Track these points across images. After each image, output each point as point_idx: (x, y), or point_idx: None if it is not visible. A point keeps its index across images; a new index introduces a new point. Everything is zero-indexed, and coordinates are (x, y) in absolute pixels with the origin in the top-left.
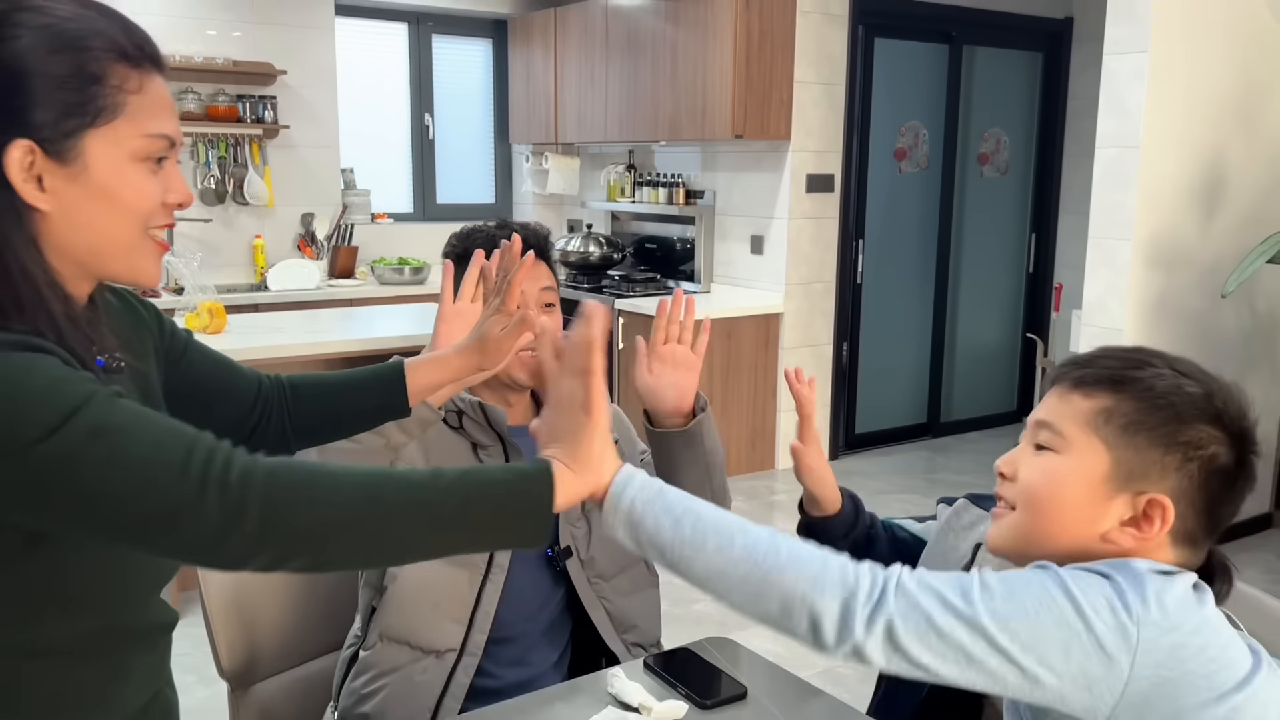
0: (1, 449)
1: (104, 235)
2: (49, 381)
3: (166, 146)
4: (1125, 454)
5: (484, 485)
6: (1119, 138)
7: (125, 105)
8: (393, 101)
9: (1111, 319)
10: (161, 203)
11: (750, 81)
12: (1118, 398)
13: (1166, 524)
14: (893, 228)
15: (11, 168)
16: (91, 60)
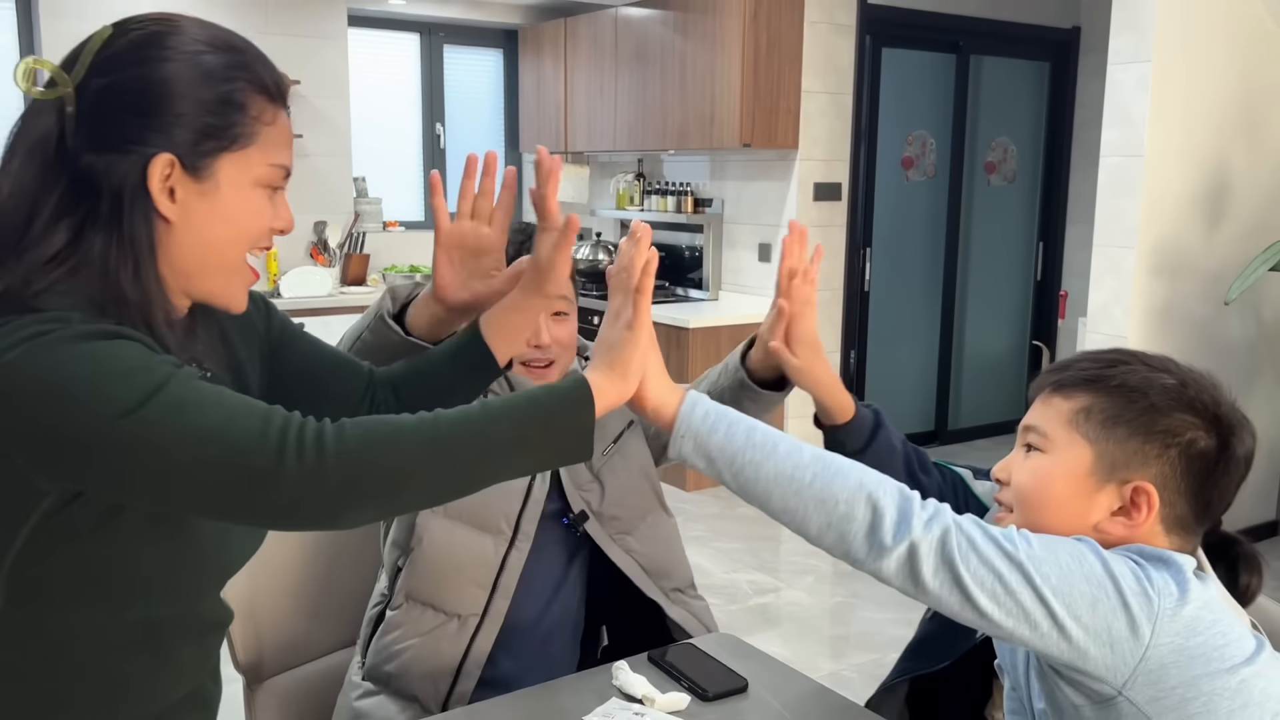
0: (91, 424)
1: (215, 251)
2: (135, 362)
3: (283, 176)
4: (1107, 447)
5: (530, 408)
6: (1123, 146)
7: (259, 135)
8: (404, 111)
9: (1116, 326)
10: (270, 228)
11: (758, 91)
12: (1095, 395)
13: (1153, 510)
14: (900, 236)
15: (152, 177)
16: (237, 91)
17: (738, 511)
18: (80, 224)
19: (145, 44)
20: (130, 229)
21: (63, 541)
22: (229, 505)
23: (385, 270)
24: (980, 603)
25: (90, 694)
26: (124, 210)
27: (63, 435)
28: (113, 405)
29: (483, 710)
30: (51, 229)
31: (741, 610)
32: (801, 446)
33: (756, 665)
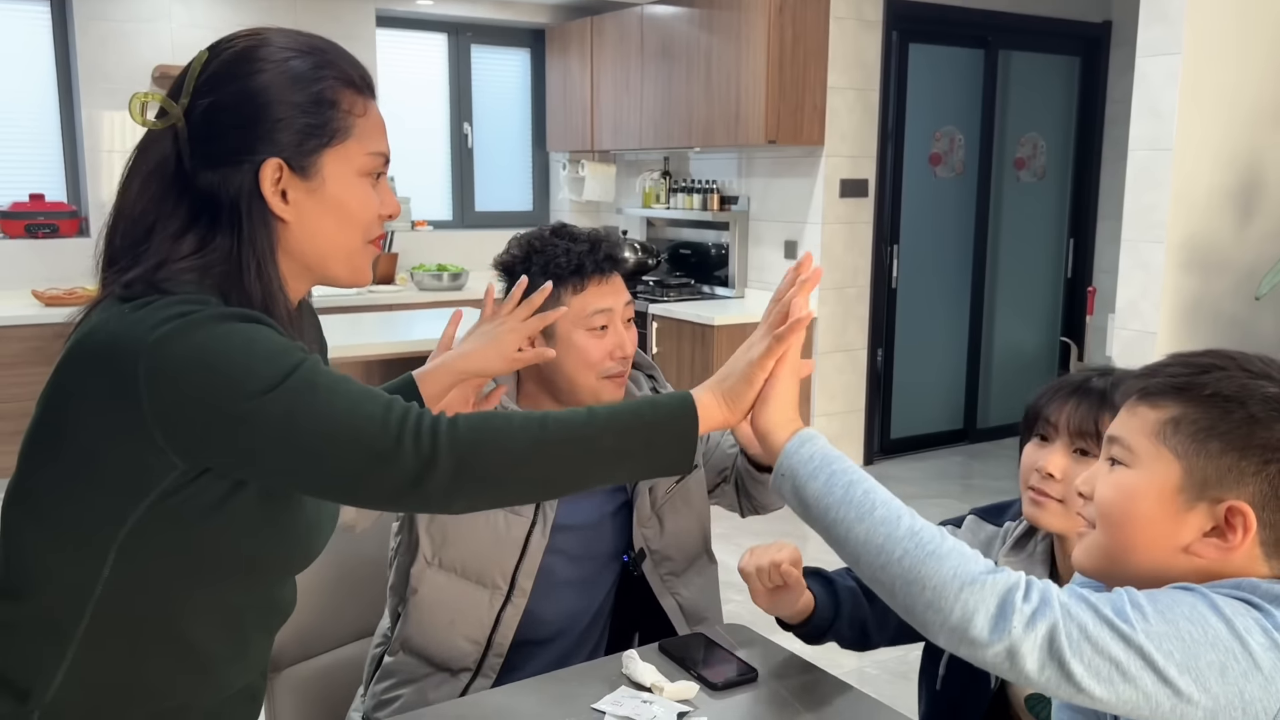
0: (237, 397)
1: (334, 242)
2: (274, 345)
3: (383, 163)
4: (1197, 462)
5: (634, 419)
6: (1152, 141)
7: (354, 127)
8: (432, 111)
9: (1145, 323)
10: (378, 214)
11: (784, 88)
12: (1185, 405)
13: (1249, 532)
14: (928, 233)
15: (265, 182)
16: (327, 89)
17: None
18: (205, 233)
19: (238, 60)
20: (251, 234)
21: (174, 520)
22: (351, 484)
23: (413, 269)
24: (1094, 692)
25: (168, 671)
26: (243, 217)
27: (210, 407)
28: (257, 381)
29: (492, 697)
30: (177, 241)
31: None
32: (900, 514)
33: (767, 656)
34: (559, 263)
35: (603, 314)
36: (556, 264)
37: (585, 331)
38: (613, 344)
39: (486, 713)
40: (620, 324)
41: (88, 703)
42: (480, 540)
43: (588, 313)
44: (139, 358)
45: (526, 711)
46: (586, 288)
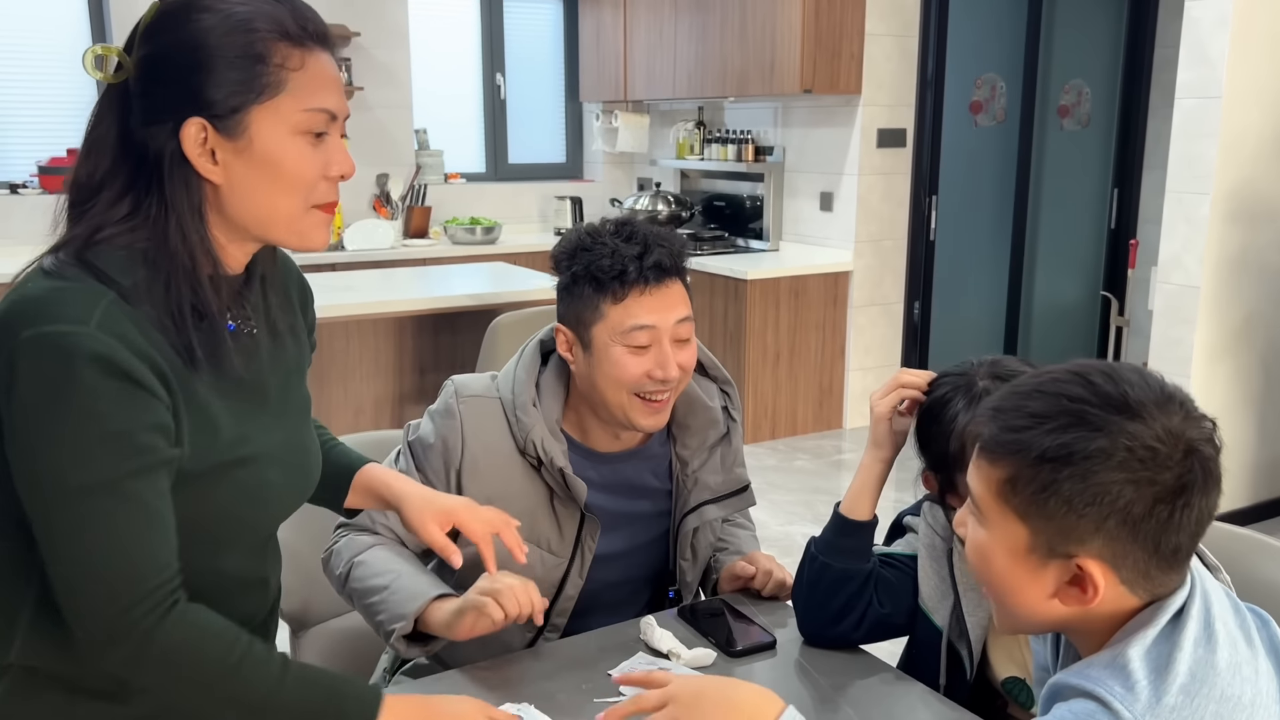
0: (47, 466)
1: (270, 205)
2: (113, 428)
3: (327, 120)
4: (1039, 523)
5: (317, 706)
6: (1200, 88)
7: (287, 82)
8: (465, 62)
9: (1189, 276)
10: (323, 175)
11: (819, 35)
12: (1019, 464)
13: (1098, 588)
14: (967, 183)
15: (187, 143)
16: (258, 40)
17: (795, 464)
18: (140, 196)
19: (172, 11)
20: (172, 196)
21: None
22: (68, 607)
23: (447, 222)
24: None
25: None
26: (164, 179)
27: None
28: (63, 473)
29: (511, 663)
30: (117, 201)
31: (794, 564)
32: None
33: (785, 623)
34: (601, 265)
35: (643, 331)
36: (599, 266)
37: (623, 347)
38: (652, 364)
39: (506, 677)
40: (667, 343)
41: (53, 659)
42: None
43: (625, 327)
44: (3, 346)
45: (544, 677)
46: (627, 298)
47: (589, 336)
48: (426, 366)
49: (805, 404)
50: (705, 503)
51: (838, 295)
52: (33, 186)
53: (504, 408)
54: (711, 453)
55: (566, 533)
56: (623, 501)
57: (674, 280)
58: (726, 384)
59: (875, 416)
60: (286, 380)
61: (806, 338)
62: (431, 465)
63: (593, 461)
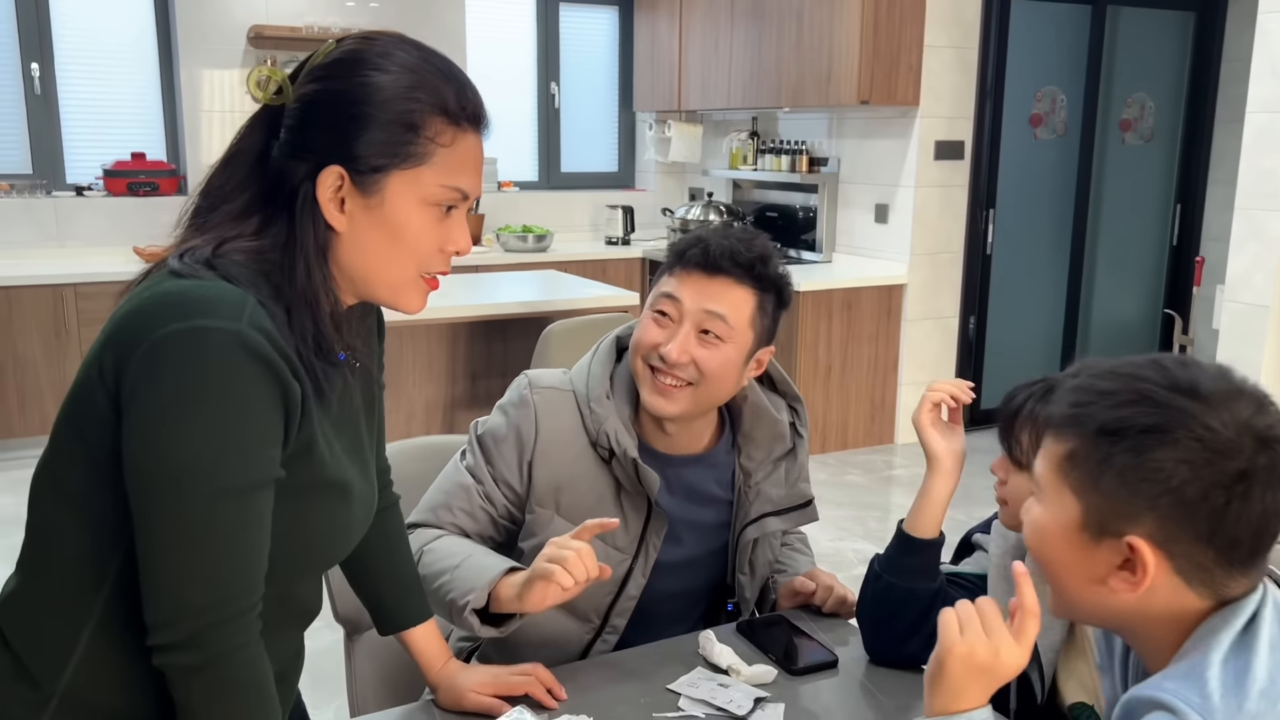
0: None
1: (381, 265)
2: (245, 440)
3: (459, 199)
4: (1093, 500)
5: None
6: (1272, 102)
7: (433, 155)
8: (520, 70)
9: (1257, 295)
10: (439, 249)
11: (878, 46)
12: (1079, 439)
13: (1147, 571)
14: (1026, 197)
15: (321, 187)
16: (416, 111)
17: (846, 479)
18: (268, 217)
19: (349, 60)
20: (302, 232)
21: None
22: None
23: (499, 230)
24: None
25: None
26: (298, 213)
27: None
28: (206, 472)
29: (569, 674)
30: (243, 217)
31: (846, 579)
32: None
33: (849, 642)
34: (684, 242)
35: (667, 300)
36: (680, 243)
37: (650, 312)
38: (664, 338)
39: (564, 688)
40: (687, 325)
41: (103, 690)
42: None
43: (658, 294)
44: (138, 347)
45: (602, 688)
46: (675, 271)
47: (643, 308)
48: (478, 373)
49: (857, 418)
50: (766, 514)
51: (891, 308)
52: (98, 189)
53: (577, 400)
54: (776, 466)
55: (632, 528)
56: (686, 507)
57: (729, 278)
58: (796, 400)
59: (916, 428)
60: (359, 415)
61: (859, 351)
62: (504, 457)
63: (659, 463)
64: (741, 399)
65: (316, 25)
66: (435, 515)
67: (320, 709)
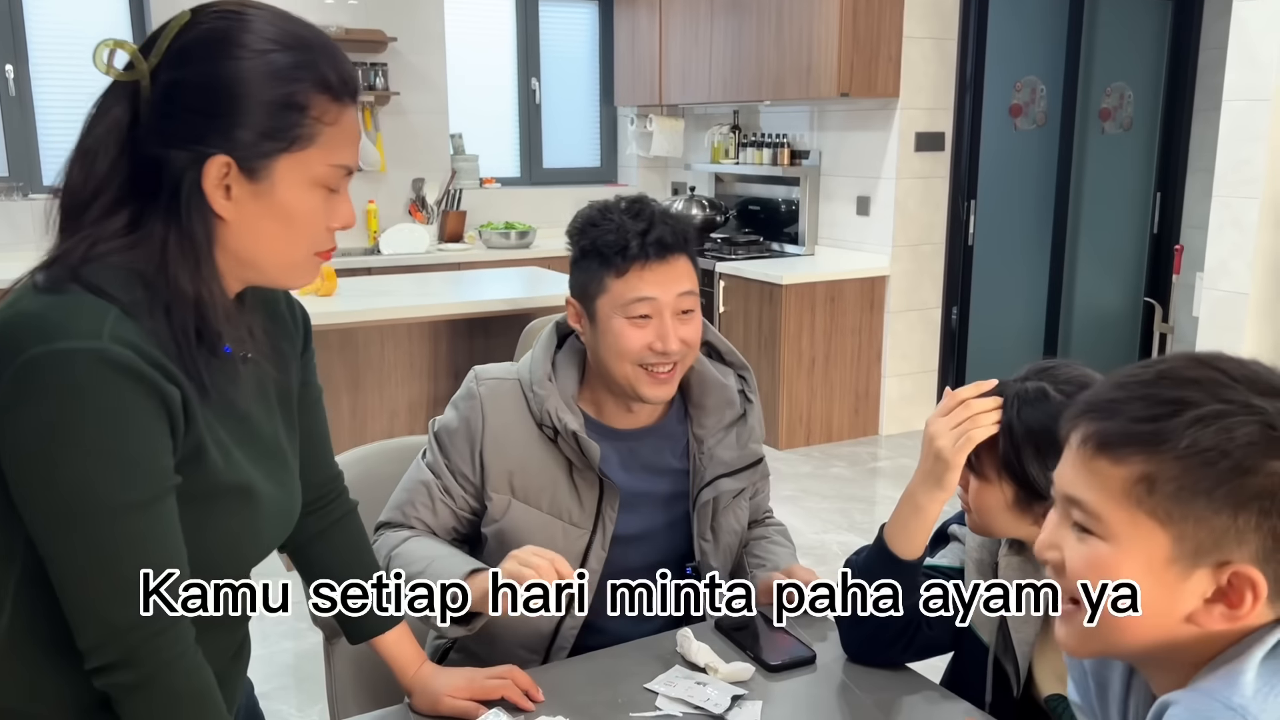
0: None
1: (273, 249)
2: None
3: (345, 175)
4: (1185, 527)
5: None
6: (1248, 90)
7: (319, 135)
8: (500, 66)
9: (1236, 283)
10: (328, 226)
11: (857, 38)
12: (1158, 459)
13: (1260, 596)
14: (1007, 187)
15: (207, 178)
16: (300, 91)
17: (831, 471)
18: (141, 210)
19: (215, 40)
20: (189, 225)
21: None
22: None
23: (482, 227)
24: None
25: None
26: (181, 206)
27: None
28: (96, 492)
29: (545, 673)
30: (113, 212)
31: (830, 572)
32: None
33: (826, 637)
34: (606, 241)
35: (644, 303)
36: (604, 242)
37: (624, 319)
38: (653, 336)
39: (540, 688)
40: (668, 316)
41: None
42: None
43: (626, 300)
44: (2, 373)
45: (579, 689)
46: (629, 272)
47: (594, 309)
48: (461, 370)
49: (841, 410)
50: (720, 476)
51: (874, 300)
52: None
53: (521, 386)
54: (727, 432)
55: (587, 504)
56: (641, 479)
57: (678, 256)
58: (743, 369)
59: (942, 459)
60: (272, 412)
61: (842, 343)
62: (456, 449)
63: (610, 438)
64: (689, 370)
65: None
66: (401, 513)
67: (305, 712)
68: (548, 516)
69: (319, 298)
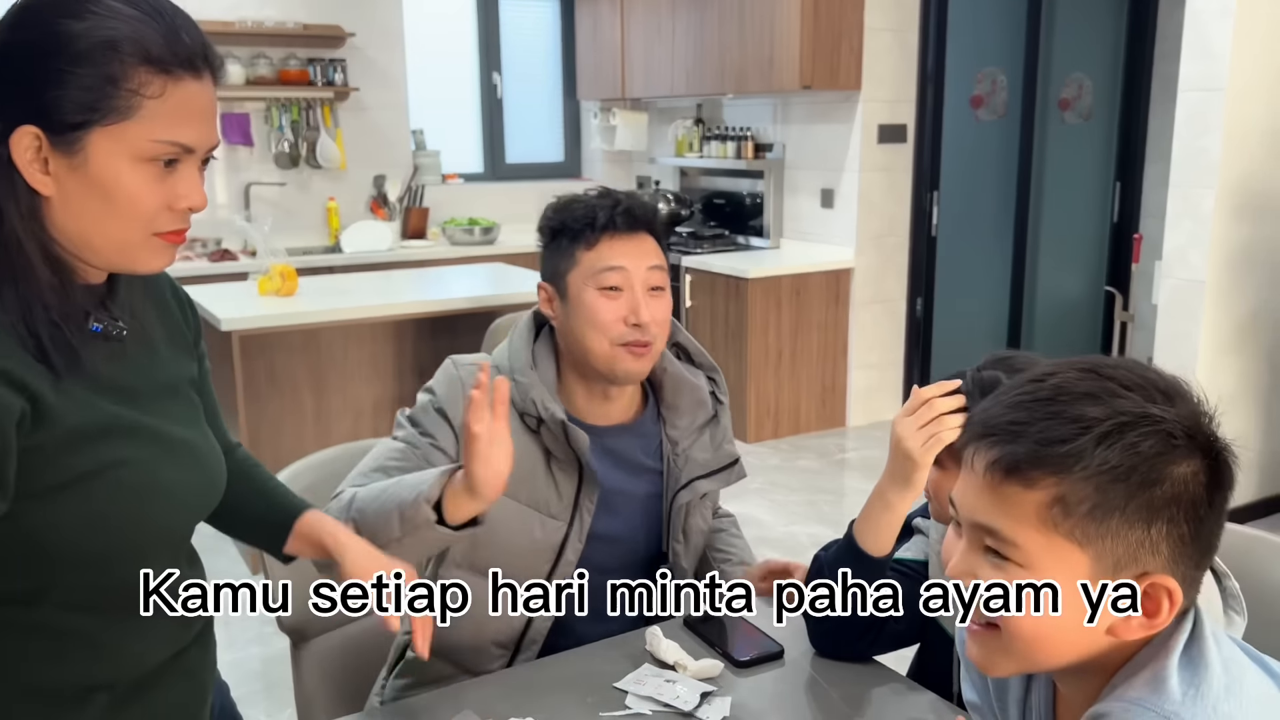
0: None
1: (98, 228)
2: None
3: (180, 152)
4: (1103, 545)
5: None
6: (1203, 81)
7: (139, 109)
8: (461, 61)
9: (1193, 271)
10: (167, 206)
11: (819, 30)
12: (1069, 480)
13: (1175, 603)
14: (969, 178)
15: (16, 150)
16: (116, 61)
17: (799, 464)
18: None
19: (36, 5)
20: (4, 202)
21: None
22: None
23: (445, 223)
24: None
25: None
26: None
27: None
28: None
29: (514, 675)
30: None
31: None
32: None
33: (793, 633)
34: (575, 216)
35: (614, 272)
36: (573, 218)
37: (596, 290)
38: (626, 309)
39: (508, 690)
40: (639, 289)
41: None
42: (514, 545)
43: (596, 269)
44: None
45: (548, 690)
46: (599, 243)
47: (565, 285)
48: (426, 369)
49: (808, 402)
50: (696, 478)
51: (839, 293)
52: None
53: (501, 374)
54: (700, 433)
55: (565, 494)
56: (618, 475)
57: (645, 233)
58: (713, 370)
59: (910, 459)
60: (169, 385)
61: (809, 336)
62: (438, 426)
63: (588, 433)
64: (661, 371)
65: (250, 19)
66: (366, 479)
67: (274, 717)
68: (525, 508)
69: (280, 298)
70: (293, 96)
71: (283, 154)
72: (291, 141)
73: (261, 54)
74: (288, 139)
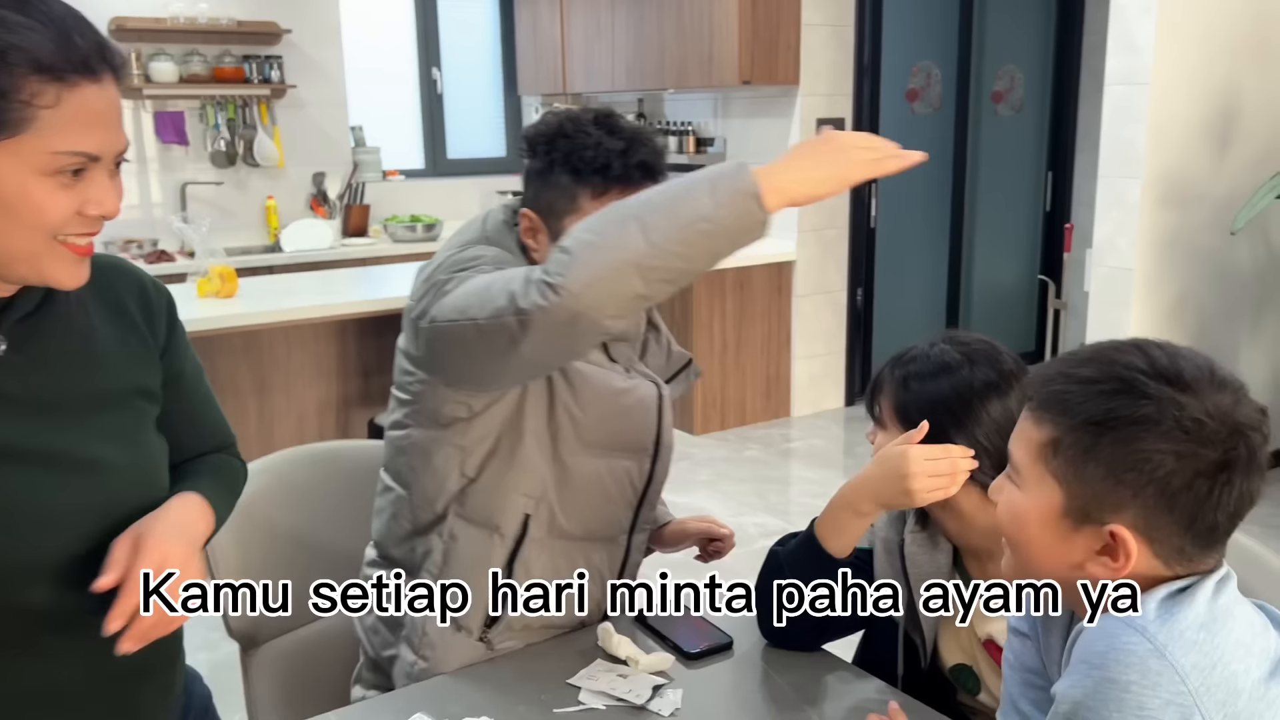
0: None
1: (6, 241)
2: None
3: (85, 162)
4: (1076, 487)
5: None
6: (1128, 74)
7: (34, 120)
8: (400, 56)
9: (1122, 259)
10: (78, 213)
11: (756, 26)
12: (1064, 427)
13: (1130, 556)
14: (906, 171)
15: None
16: (4, 73)
17: (745, 455)
18: None
19: None
20: None
21: None
22: None
23: (386, 220)
24: None
25: None
26: None
27: None
28: None
29: (467, 677)
30: None
31: (748, 554)
32: None
33: (742, 625)
34: (584, 156)
35: None
36: (580, 157)
37: None
38: None
39: (462, 689)
40: None
41: None
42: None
43: None
44: None
45: (502, 689)
46: (607, 195)
47: (559, 228)
48: (370, 369)
49: (754, 394)
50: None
51: (782, 285)
52: None
53: None
54: (644, 348)
55: None
56: None
57: (651, 181)
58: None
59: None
60: (99, 397)
61: (752, 328)
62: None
63: None
64: None
65: (182, 16)
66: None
67: None
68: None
69: (219, 299)
70: (228, 94)
71: (219, 153)
72: (228, 140)
73: (195, 51)
74: (224, 137)
